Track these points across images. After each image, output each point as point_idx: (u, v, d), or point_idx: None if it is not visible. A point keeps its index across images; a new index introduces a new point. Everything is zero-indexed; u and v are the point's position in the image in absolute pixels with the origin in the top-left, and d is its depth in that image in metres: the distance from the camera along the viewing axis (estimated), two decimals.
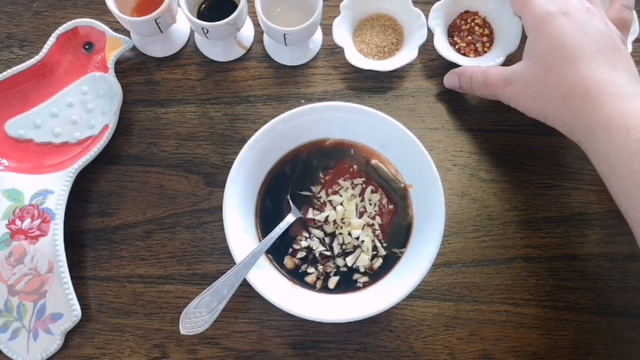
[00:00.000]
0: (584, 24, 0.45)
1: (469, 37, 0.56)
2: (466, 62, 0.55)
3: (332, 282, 0.49)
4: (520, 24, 0.53)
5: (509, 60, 0.54)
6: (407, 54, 0.55)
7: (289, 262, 0.50)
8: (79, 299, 0.51)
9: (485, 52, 0.56)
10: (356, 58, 0.56)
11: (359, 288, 0.49)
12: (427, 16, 0.56)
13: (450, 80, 0.55)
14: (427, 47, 0.58)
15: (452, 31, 0.57)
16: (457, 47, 0.56)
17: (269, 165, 0.52)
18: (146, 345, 0.51)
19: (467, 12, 0.57)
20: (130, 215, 0.54)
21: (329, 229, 0.51)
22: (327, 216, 0.51)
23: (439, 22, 0.57)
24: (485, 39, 0.56)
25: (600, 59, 0.43)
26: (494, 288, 0.52)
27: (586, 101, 0.42)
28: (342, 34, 0.56)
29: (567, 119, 0.45)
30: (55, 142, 0.54)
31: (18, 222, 0.51)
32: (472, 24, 0.56)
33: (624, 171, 0.40)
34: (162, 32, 0.55)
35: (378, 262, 0.50)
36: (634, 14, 0.54)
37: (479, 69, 0.52)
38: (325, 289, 0.49)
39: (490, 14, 0.57)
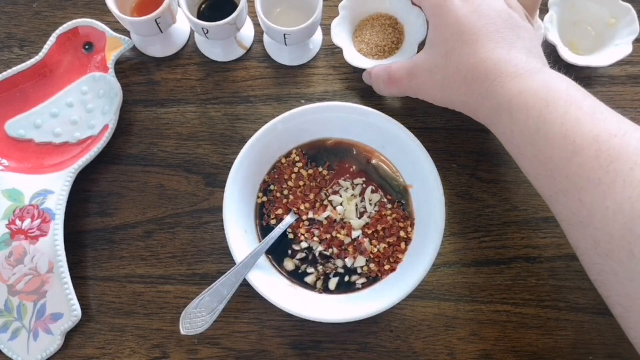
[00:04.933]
0: (479, 5, 0.44)
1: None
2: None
3: (332, 283, 0.49)
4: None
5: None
6: (406, 53, 0.55)
7: (288, 262, 0.50)
8: (79, 299, 0.51)
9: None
10: (355, 58, 0.55)
11: (358, 288, 0.49)
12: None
13: (365, 78, 0.55)
14: None
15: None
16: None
17: (269, 165, 0.52)
18: (146, 345, 0.51)
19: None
20: (130, 215, 0.54)
21: (328, 229, 0.51)
22: (327, 216, 0.51)
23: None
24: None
25: (497, 39, 0.43)
26: (494, 288, 0.52)
27: (486, 83, 0.42)
28: (340, 34, 0.55)
29: (471, 103, 0.45)
30: (55, 142, 0.54)
31: (18, 222, 0.51)
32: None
33: (529, 151, 0.41)
34: (162, 32, 0.55)
35: (378, 263, 0.50)
36: (633, 12, 0.54)
37: (383, 66, 0.51)
38: (325, 289, 0.49)
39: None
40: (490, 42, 0.43)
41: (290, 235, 0.51)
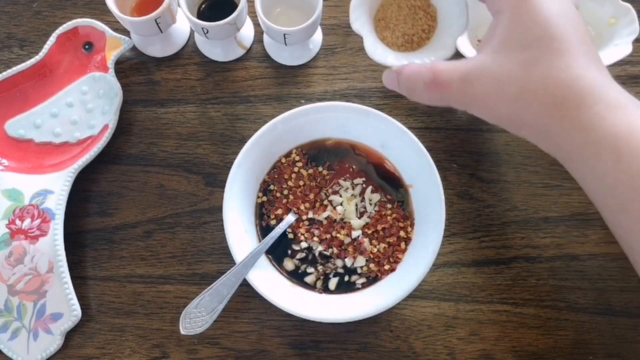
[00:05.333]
0: (567, 5, 0.36)
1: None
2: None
3: (332, 283, 0.49)
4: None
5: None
6: (439, 47, 0.43)
7: (288, 262, 0.50)
8: (79, 299, 0.51)
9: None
10: (378, 50, 0.43)
11: (358, 289, 0.49)
12: None
13: (389, 80, 0.42)
14: None
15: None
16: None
17: (269, 165, 0.52)
18: (146, 345, 0.51)
19: None
20: (130, 215, 0.54)
21: (328, 229, 0.51)
22: (327, 216, 0.51)
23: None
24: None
25: (587, 53, 0.35)
26: (494, 288, 0.52)
27: (582, 110, 0.34)
28: (360, 17, 0.42)
29: (555, 130, 0.35)
30: (55, 142, 0.54)
31: (18, 222, 0.51)
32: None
33: (638, 207, 0.32)
34: (162, 32, 0.55)
35: (378, 263, 0.50)
36: (633, 12, 0.54)
37: (423, 65, 0.39)
38: (325, 289, 0.49)
39: None
40: (583, 57, 0.35)
41: (290, 235, 0.51)
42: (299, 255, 0.50)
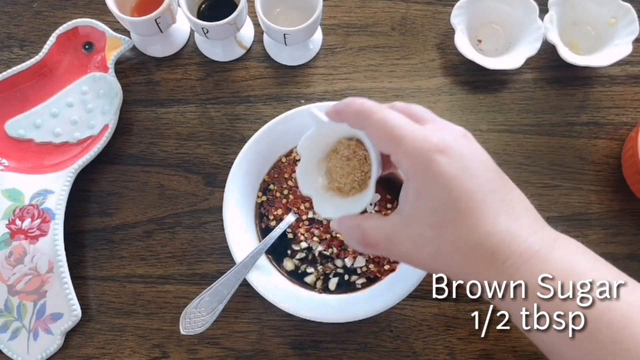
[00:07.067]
0: (468, 161, 0.36)
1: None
2: None
3: (332, 283, 0.49)
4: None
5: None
6: (371, 190, 0.41)
7: (288, 262, 0.50)
8: (79, 299, 0.51)
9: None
10: (326, 208, 0.41)
11: (358, 288, 0.49)
12: None
13: (335, 227, 0.44)
14: (427, 47, 0.58)
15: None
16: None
17: (269, 165, 0.52)
18: (146, 345, 0.51)
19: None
20: (130, 215, 0.54)
21: (328, 229, 0.51)
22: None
23: (462, 19, 0.55)
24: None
25: (496, 203, 0.36)
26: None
27: (496, 265, 0.36)
28: (308, 181, 0.42)
29: (480, 281, 0.38)
30: (55, 142, 0.54)
31: (18, 222, 0.51)
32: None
33: (564, 350, 0.38)
34: (162, 32, 0.55)
35: (378, 263, 0.50)
36: (633, 12, 0.54)
37: (354, 222, 0.40)
38: (325, 289, 0.49)
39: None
40: (490, 209, 0.35)
41: (290, 235, 0.51)
42: (298, 255, 0.50)
